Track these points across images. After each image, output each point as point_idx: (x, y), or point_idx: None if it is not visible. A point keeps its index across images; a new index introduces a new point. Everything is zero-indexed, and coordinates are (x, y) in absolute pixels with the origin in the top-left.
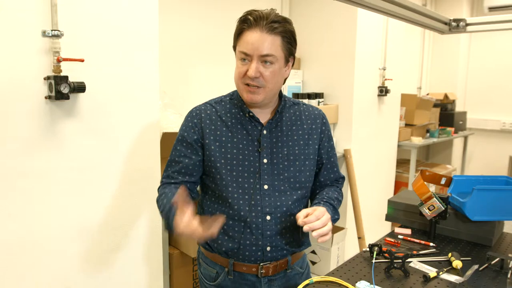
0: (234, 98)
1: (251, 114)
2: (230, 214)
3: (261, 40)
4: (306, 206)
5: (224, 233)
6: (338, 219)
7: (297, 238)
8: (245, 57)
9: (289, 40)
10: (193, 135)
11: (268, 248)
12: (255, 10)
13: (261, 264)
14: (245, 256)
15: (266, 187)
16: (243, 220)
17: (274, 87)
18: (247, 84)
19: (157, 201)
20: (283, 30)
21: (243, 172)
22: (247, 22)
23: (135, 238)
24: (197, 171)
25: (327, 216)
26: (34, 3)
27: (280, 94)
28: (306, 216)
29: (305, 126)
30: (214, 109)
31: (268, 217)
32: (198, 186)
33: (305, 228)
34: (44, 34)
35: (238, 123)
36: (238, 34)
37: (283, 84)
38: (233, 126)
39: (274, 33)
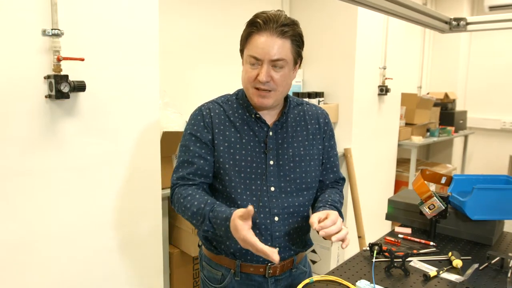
0: (239, 98)
1: (257, 115)
2: None
3: (272, 45)
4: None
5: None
6: (342, 222)
7: (304, 238)
8: (255, 62)
9: (298, 43)
10: (207, 134)
11: (277, 249)
12: (263, 13)
13: (269, 264)
14: (254, 256)
15: (272, 189)
16: (252, 222)
17: (284, 90)
18: (257, 88)
19: (179, 202)
20: (293, 33)
21: (250, 174)
22: (256, 25)
23: (135, 237)
24: (212, 172)
25: (340, 220)
26: (34, 2)
27: (286, 95)
28: (319, 220)
29: (309, 127)
30: (222, 109)
31: (276, 218)
32: None
33: (321, 234)
34: (44, 33)
35: (245, 124)
36: (247, 38)
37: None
38: (240, 126)
39: (285, 37)
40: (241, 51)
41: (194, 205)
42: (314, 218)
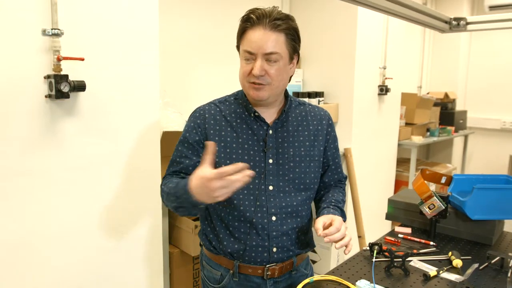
0: (239, 98)
1: (256, 114)
2: (236, 215)
3: (265, 38)
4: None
5: (230, 234)
6: (345, 221)
7: (303, 239)
8: (249, 56)
9: (293, 37)
10: (194, 136)
11: (274, 249)
12: (257, 9)
13: (267, 265)
14: (251, 257)
15: (271, 188)
16: (249, 221)
17: (280, 84)
18: (252, 82)
19: (165, 191)
20: (287, 27)
21: None
22: (250, 20)
23: (135, 237)
24: None
25: (344, 226)
26: (34, 2)
27: (286, 94)
28: (323, 225)
29: (311, 127)
30: (218, 109)
31: (273, 218)
32: None
33: (326, 240)
34: (44, 33)
35: (243, 123)
36: (241, 33)
37: (289, 81)
38: (238, 126)
39: (278, 30)
40: (238, 47)
41: (169, 187)
42: (319, 223)
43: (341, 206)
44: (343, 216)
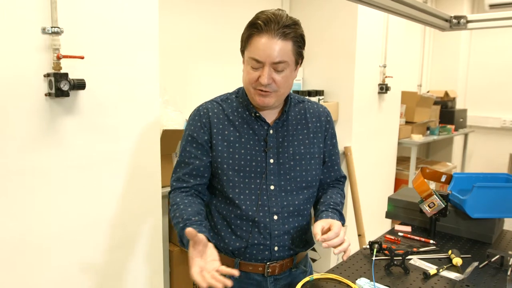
0: (239, 96)
1: (257, 114)
2: (238, 214)
3: (273, 47)
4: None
5: (232, 232)
6: (343, 224)
7: (304, 237)
8: (256, 64)
9: (300, 44)
10: (203, 135)
11: (276, 248)
12: (263, 13)
13: (268, 263)
14: (252, 255)
15: (272, 187)
16: (251, 220)
17: (286, 90)
18: (259, 89)
19: (169, 210)
20: (295, 35)
21: (250, 173)
22: (257, 26)
23: (136, 236)
24: (208, 172)
25: (343, 231)
26: (34, 0)
27: None
28: (322, 229)
29: (310, 125)
30: (221, 108)
31: (275, 217)
32: None
33: (324, 245)
34: (44, 31)
35: (244, 123)
36: (247, 39)
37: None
38: (240, 125)
39: (286, 39)
40: (242, 51)
41: (176, 216)
42: (317, 228)
43: (339, 209)
44: (342, 219)
